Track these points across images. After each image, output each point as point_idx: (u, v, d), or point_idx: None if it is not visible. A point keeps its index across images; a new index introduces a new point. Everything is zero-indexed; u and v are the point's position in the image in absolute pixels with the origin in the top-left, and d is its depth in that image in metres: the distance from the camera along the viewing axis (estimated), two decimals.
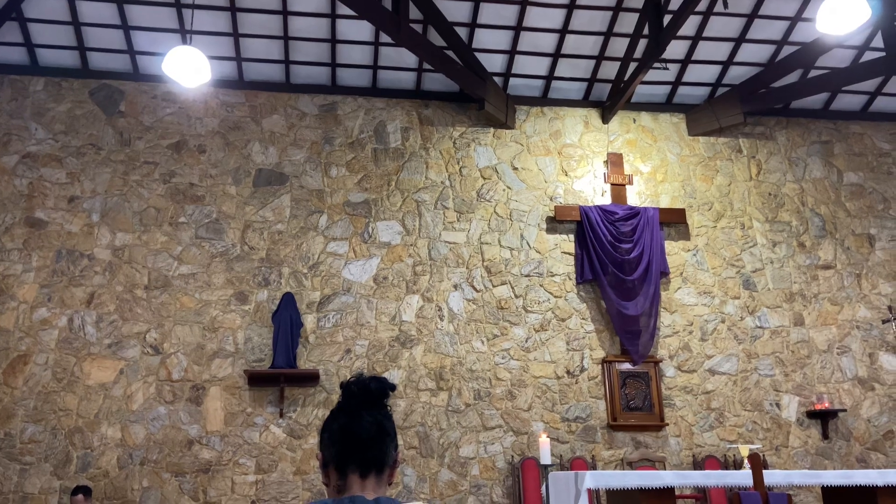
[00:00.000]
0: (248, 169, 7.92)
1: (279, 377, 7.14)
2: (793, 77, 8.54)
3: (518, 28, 7.86)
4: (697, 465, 7.50)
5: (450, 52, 7.78)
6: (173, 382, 7.18)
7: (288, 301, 7.39)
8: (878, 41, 8.05)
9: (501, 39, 8.03)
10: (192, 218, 7.69)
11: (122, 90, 7.97)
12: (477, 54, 8.02)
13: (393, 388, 1.66)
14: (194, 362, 7.25)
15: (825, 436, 7.89)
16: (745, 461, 5.20)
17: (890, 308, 8.06)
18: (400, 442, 7.22)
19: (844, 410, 7.96)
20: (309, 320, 7.50)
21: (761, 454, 7.25)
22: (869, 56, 8.32)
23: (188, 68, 6.37)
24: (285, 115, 8.16)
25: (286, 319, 7.26)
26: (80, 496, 6.24)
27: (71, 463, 6.85)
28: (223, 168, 7.88)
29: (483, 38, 7.99)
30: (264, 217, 7.79)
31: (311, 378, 7.29)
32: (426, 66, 8.00)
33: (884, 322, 8.12)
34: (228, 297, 7.48)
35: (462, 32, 7.88)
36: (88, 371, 7.09)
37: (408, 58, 7.99)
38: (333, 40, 7.85)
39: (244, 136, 8.02)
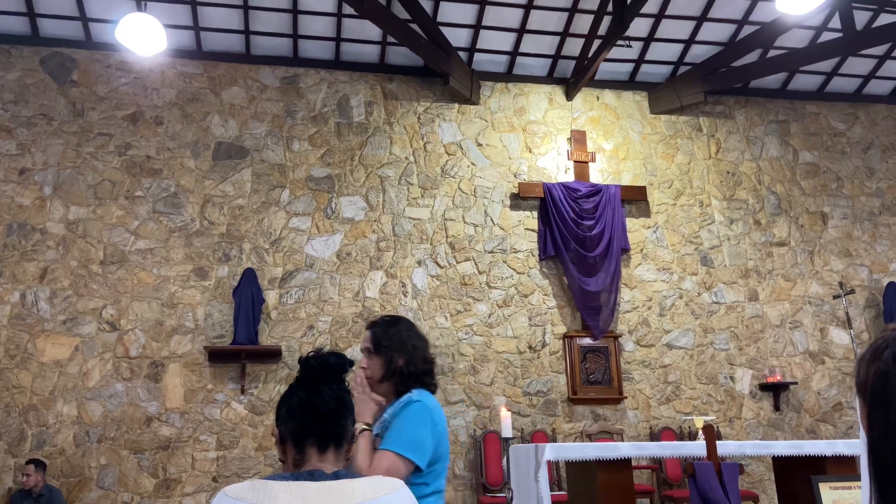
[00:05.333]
0: (207, 142, 7.75)
1: (240, 353, 7.07)
2: (752, 56, 8.64)
3: (483, 2, 7.79)
4: (654, 436, 7.69)
5: (414, 26, 7.68)
6: (131, 359, 7.06)
7: (249, 277, 7.30)
8: (836, 22, 8.19)
9: (466, 13, 7.95)
10: (150, 192, 7.51)
11: (74, 59, 7.69)
12: (441, 28, 7.93)
13: (351, 363, 1.67)
14: (153, 339, 7.13)
15: (777, 408, 8.15)
16: (700, 432, 5.34)
17: (841, 284, 8.31)
18: None
19: (795, 383, 8.22)
20: (271, 296, 7.42)
21: (715, 426, 7.46)
22: (826, 37, 8.46)
23: (143, 36, 6.17)
24: (245, 87, 7.98)
25: (247, 295, 7.17)
26: (31, 466, 6.17)
27: (26, 441, 6.71)
28: (181, 141, 7.70)
29: (448, 12, 7.90)
30: (224, 191, 7.65)
31: (272, 354, 7.24)
32: (390, 39, 7.89)
33: (834, 298, 8.37)
34: (188, 273, 7.35)
35: (427, 6, 7.77)
36: (42, 348, 6.93)
37: (371, 30, 7.87)
38: (295, 11, 7.68)
39: (203, 108, 7.83)
